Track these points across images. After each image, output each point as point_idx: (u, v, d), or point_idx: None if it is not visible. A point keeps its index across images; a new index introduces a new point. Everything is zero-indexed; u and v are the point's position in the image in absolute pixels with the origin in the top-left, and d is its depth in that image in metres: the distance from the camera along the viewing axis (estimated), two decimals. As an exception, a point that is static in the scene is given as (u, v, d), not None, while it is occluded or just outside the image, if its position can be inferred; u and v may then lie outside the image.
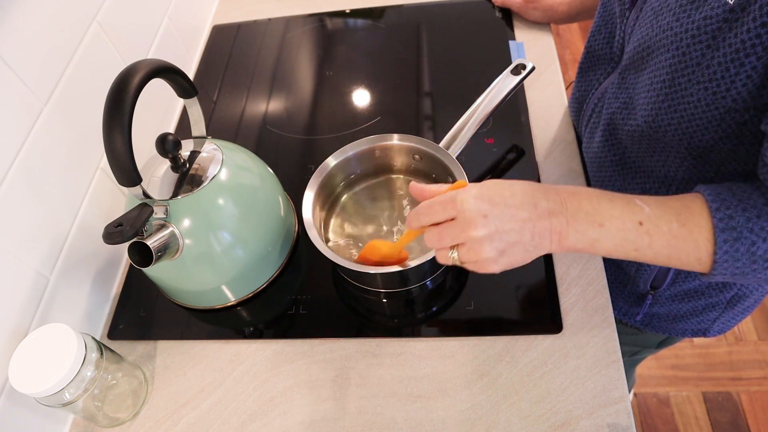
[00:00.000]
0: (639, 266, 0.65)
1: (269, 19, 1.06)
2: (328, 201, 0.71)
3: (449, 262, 0.49)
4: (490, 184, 0.48)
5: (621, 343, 0.72)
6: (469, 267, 0.49)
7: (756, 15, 0.39)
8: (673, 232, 0.45)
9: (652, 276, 0.65)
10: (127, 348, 0.68)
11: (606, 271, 0.63)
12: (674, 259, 0.47)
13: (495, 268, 0.48)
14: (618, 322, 0.74)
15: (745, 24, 0.40)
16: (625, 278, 0.69)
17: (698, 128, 0.48)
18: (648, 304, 0.69)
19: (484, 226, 0.46)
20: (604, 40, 0.66)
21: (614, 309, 0.72)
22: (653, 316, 0.71)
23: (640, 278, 0.66)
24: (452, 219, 0.47)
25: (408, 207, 0.70)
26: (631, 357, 0.89)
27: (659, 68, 0.49)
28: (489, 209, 0.46)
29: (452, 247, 0.48)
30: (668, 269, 0.62)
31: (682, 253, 0.46)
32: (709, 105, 0.45)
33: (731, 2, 0.41)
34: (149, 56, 0.85)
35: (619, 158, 0.63)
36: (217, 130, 0.89)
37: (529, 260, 0.49)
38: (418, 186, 0.52)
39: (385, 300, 0.67)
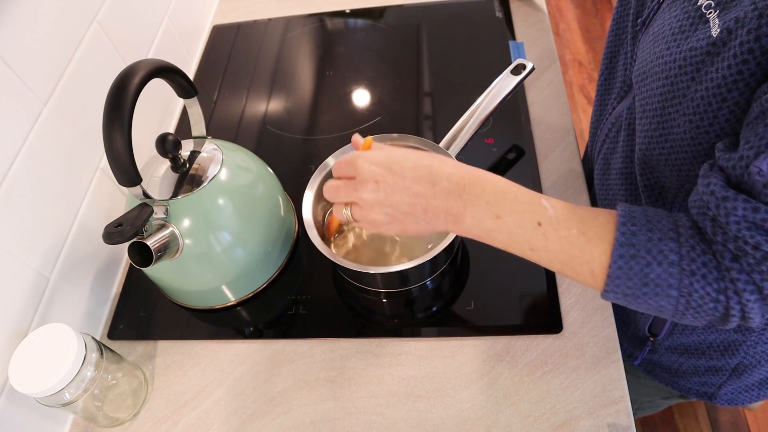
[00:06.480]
0: None
1: (269, 19, 1.06)
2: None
3: (343, 219, 0.52)
4: (397, 153, 0.49)
5: (653, 387, 0.72)
6: (362, 226, 0.51)
7: (737, 51, 0.39)
8: (570, 238, 0.44)
9: (649, 320, 0.64)
10: (127, 348, 0.68)
11: (613, 308, 0.63)
12: (568, 267, 0.46)
13: (387, 230, 0.50)
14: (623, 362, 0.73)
15: (726, 60, 0.40)
16: (627, 319, 0.69)
17: (685, 161, 0.47)
18: (647, 350, 0.69)
19: (374, 191, 0.47)
20: (618, 61, 0.64)
21: (620, 348, 0.72)
22: (655, 365, 0.71)
23: (639, 320, 0.65)
24: (352, 178, 0.49)
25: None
26: (664, 399, 0.87)
27: (652, 96, 0.49)
28: (383, 176, 0.47)
29: (347, 205, 0.51)
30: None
31: (576, 262, 0.45)
32: (694, 138, 0.45)
33: (714, 35, 0.41)
34: (149, 56, 0.85)
35: (635, 188, 0.60)
36: (217, 130, 0.89)
37: (426, 233, 0.50)
38: (356, 138, 0.55)
39: (385, 300, 0.67)
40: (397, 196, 0.47)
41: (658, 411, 1.25)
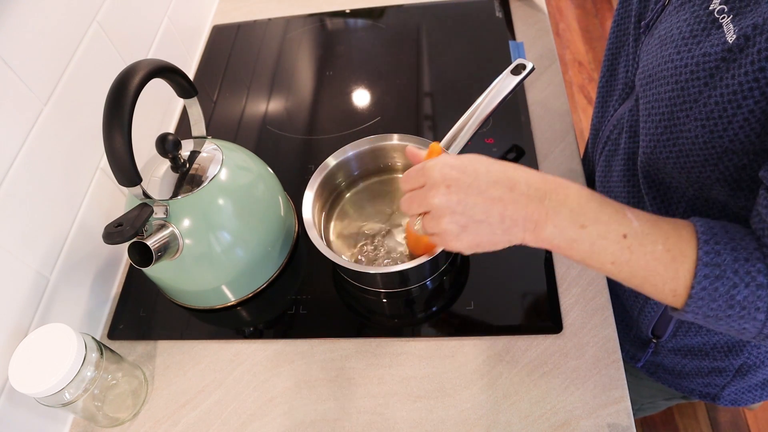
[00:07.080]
0: (641, 309, 0.64)
1: (269, 19, 1.06)
2: (328, 201, 0.71)
3: (418, 232, 0.49)
4: (470, 156, 0.46)
5: (655, 388, 0.71)
6: (434, 240, 0.48)
7: (754, 59, 0.38)
8: (656, 254, 0.42)
9: (653, 322, 0.63)
10: (127, 348, 0.68)
11: (613, 310, 0.63)
12: (648, 283, 0.44)
13: (457, 244, 0.46)
14: (625, 363, 0.73)
15: (742, 66, 0.39)
16: (630, 321, 0.68)
17: (696, 164, 0.46)
18: (650, 352, 0.68)
19: (445, 194, 0.44)
20: (619, 63, 0.64)
21: (621, 350, 0.72)
22: (658, 366, 0.70)
23: (642, 322, 0.65)
24: (423, 186, 0.46)
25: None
26: (666, 400, 0.87)
27: (659, 100, 0.48)
28: (456, 179, 0.44)
29: (421, 216, 0.47)
30: (670, 319, 0.61)
31: (659, 279, 0.43)
32: (706, 143, 0.44)
33: (730, 42, 0.40)
34: (149, 56, 0.85)
35: (638, 191, 0.60)
36: (217, 130, 0.89)
37: (499, 247, 0.46)
38: (412, 150, 0.52)
39: (385, 300, 0.67)
40: (471, 200, 0.43)
41: (658, 411, 1.25)
